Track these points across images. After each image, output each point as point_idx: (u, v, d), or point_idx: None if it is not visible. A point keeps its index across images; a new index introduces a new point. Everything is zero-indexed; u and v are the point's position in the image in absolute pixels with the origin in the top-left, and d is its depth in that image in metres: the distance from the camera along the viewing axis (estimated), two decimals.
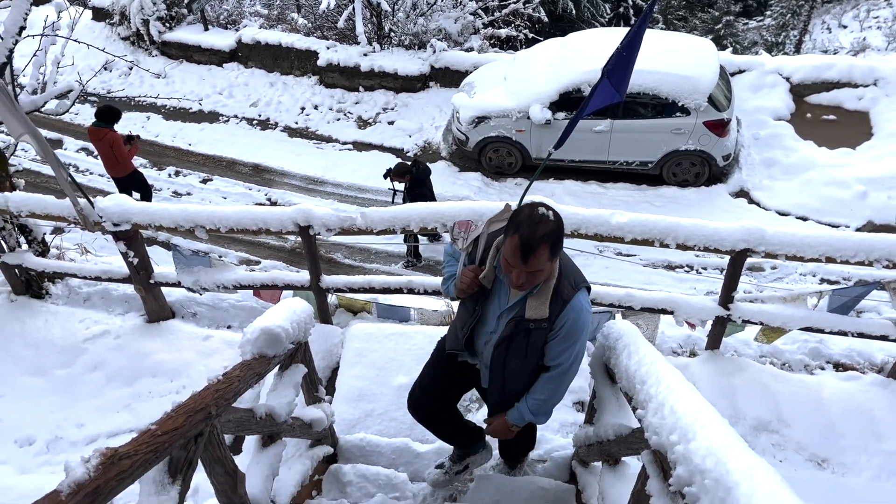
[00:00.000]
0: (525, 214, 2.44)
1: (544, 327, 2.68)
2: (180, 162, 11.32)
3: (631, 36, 3.86)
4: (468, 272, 2.78)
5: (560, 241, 2.48)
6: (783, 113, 10.80)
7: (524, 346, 2.76)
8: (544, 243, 2.39)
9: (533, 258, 2.40)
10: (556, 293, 2.64)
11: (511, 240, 2.43)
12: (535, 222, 2.39)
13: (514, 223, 2.45)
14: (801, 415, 4.76)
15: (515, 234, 2.41)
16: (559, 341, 2.72)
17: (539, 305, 2.64)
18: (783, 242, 4.46)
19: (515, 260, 2.43)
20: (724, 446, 1.66)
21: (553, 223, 2.43)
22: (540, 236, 2.38)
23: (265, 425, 2.92)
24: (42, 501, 1.63)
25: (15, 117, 4.62)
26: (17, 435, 5.04)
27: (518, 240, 2.39)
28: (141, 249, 5.53)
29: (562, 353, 2.75)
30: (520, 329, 2.72)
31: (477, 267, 2.78)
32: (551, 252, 2.44)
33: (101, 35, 14.80)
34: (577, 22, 18.98)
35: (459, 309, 3.03)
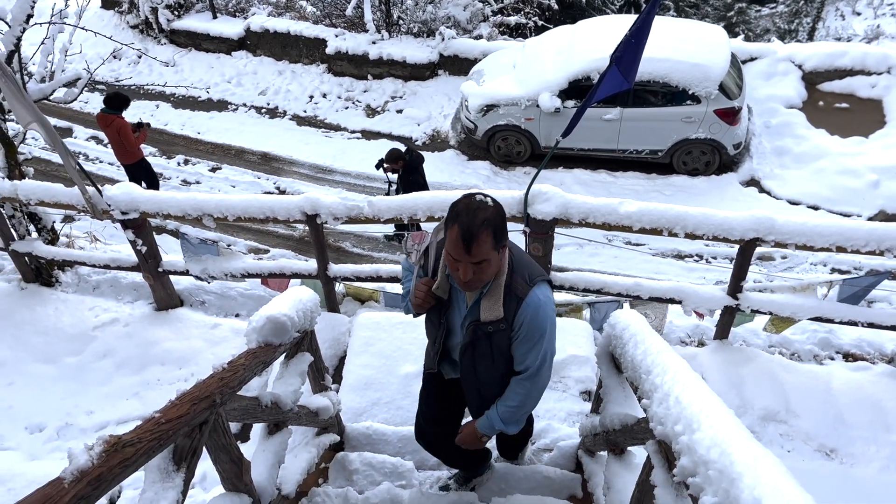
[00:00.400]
0: (462, 204, 2.33)
1: (503, 328, 2.54)
2: (189, 150, 11.33)
3: (640, 23, 3.82)
4: (420, 286, 2.66)
5: (502, 228, 2.36)
6: (795, 101, 10.70)
7: (488, 350, 2.63)
8: (485, 228, 2.27)
9: (476, 246, 2.27)
10: (509, 290, 2.51)
11: (451, 231, 2.31)
12: (473, 209, 2.29)
13: (453, 214, 2.33)
14: (809, 405, 4.73)
15: (455, 225, 2.29)
16: (521, 342, 2.59)
17: (492, 306, 2.51)
18: (793, 231, 4.42)
19: (458, 251, 2.30)
20: (729, 437, 1.64)
21: (492, 209, 2.32)
22: (480, 222, 2.26)
23: (271, 413, 2.92)
24: (45, 488, 1.63)
25: (23, 105, 4.64)
26: (28, 421, 5.09)
27: (458, 230, 2.27)
28: (149, 238, 5.55)
29: (527, 355, 2.62)
30: (479, 334, 2.59)
31: (429, 279, 2.66)
32: (494, 239, 2.31)
33: (110, 23, 14.80)
34: (587, 9, 18.81)
35: (426, 326, 2.90)
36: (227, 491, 2.64)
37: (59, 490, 1.63)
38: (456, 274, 2.40)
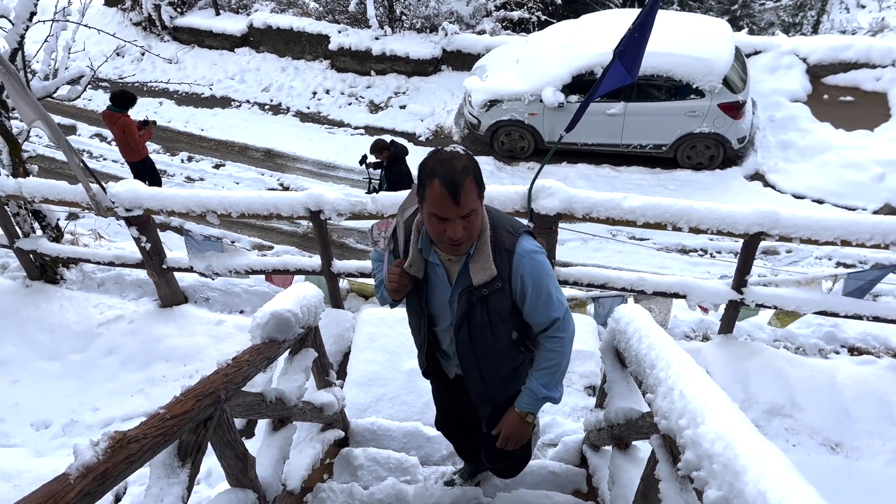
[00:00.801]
0: (433, 159, 2.17)
1: (499, 287, 2.36)
2: (193, 147, 11.34)
3: (643, 17, 3.80)
4: (394, 268, 2.46)
5: (480, 175, 2.21)
6: (799, 94, 10.65)
7: (486, 319, 2.45)
8: (468, 175, 2.12)
9: (463, 195, 2.10)
10: (496, 246, 2.34)
11: (432, 187, 2.12)
12: (448, 159, 2.14)
13: (428, 170, 2.16)
14: (814, 399, 4.73)
15: (435, 178, 2.11)
16: (530, 298, 2.41)
17: (483, 265, 2.33)
18: (797, 225, 4.41)
19: (446, 205, 2.12)
20: (733, 431, 1.64)
21: (466, 156, 2.18)
22: (461, 168, 2.11)
23: (275, 409, 2.93)
24: (51, 484, 1.64)
25: (27, 103, 4.64)
26: (34, 418, 5.11)
27: (440, 182, 2.10)
28: (153, 235, 5.56)
29: (546, 307, 2.43)
30: (473, 301, 2.40)
31: (400, 260, 2.48)
32: (478, 186, 2.17)
33: (114, 20, 14.81)
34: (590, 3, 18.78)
35: (409, 321, 2.75)
36: (233, 487, 2.64)
37: (64, 486, 1.64)
38: (443, 237, 2.21)
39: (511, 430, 2.65)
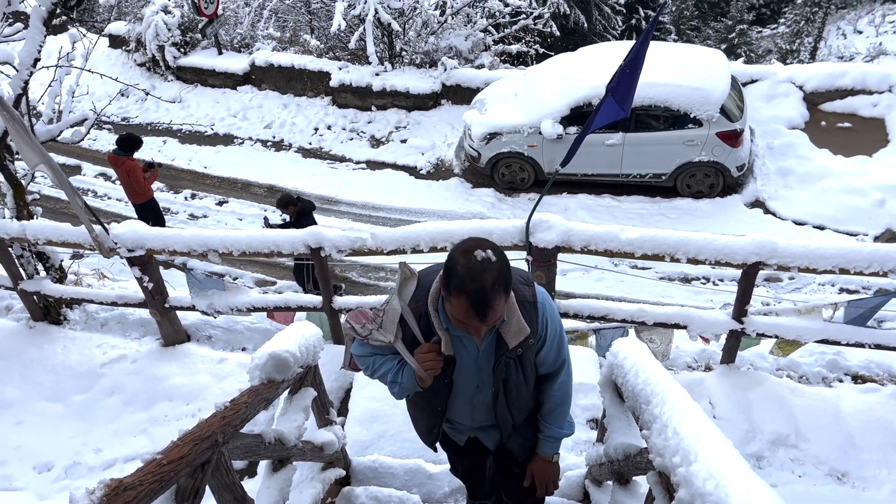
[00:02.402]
0: (462, 266, 2.03)
1: (531, 343, 2.36)
2: (196, 185, 11.45)
3: (634, 52, 3.86)
4: (427, 354, 2.33)
5: (510, 276, 2.11)
6: (797, 121, 10.74)
7: (521, 376, 2.47)
8: (498, 292, 2.03)
9: (491, 312, 2.05)
10: (521, 303, 2.32)
11: (458, 302, 2.05)
12: (478, 272, 2.01)
13: (455, 282, 2.04)
14: (819, 428, 4.69)
15: (462, 296, 2.03)
16: (549, 342, 2.45)
17: (516, 327, 2.29)
18: (795, 255, 4.42)
19: (472, 320, 2.07)
20: (725, 468, 1.64)
21: (497, 263, 2.05)
22: (491, 286, 2.01)
23: (275, 450, 2.93)
24: None
25: (31, 147, 4.71)
26: (36, 461, 5.10)
27: (467, 300, 2.02)
28: (156, 274, 5.59)
29: (560, 349, 2.51)
30: (508, 363, 2.40)
31: (431, 344, 2.34)
32: (506, 293, 2.10)
33: (118, 62, 15.05)
34: (589, 35, 19.04)
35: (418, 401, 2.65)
36: None
37: None
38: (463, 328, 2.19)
39: (544, 477, 2.77)
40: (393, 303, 2.38)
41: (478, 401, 2.55)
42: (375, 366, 2.53)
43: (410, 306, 2.37)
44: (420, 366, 2.34)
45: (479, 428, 2.73)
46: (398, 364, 2.46)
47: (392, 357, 2.48)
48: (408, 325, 2.37)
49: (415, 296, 2.38)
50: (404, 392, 2.50)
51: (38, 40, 5.14)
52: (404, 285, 2.41)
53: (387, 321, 2.38)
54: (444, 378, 2.43)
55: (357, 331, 2.42)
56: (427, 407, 2.62)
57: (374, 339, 2.40)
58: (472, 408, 2.58)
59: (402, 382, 2.45)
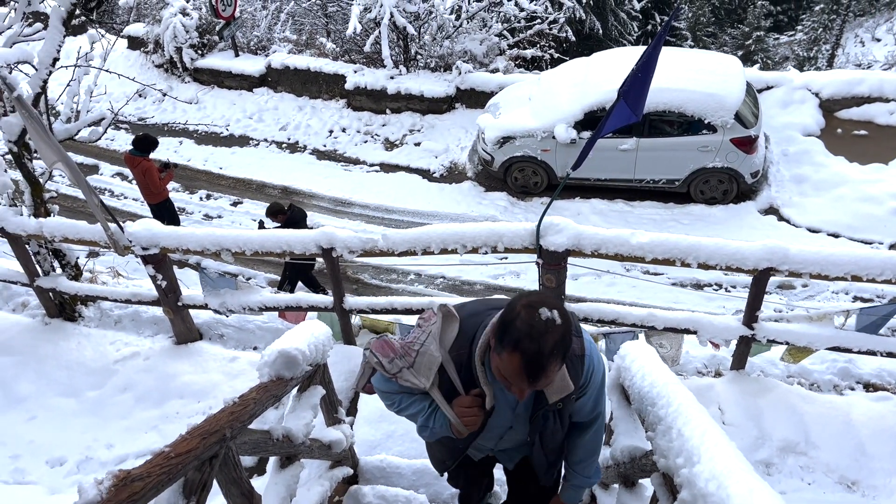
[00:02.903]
0: (523, 321, 1.85)
1: (574, 398, 2.23)
2: (211, 185, 11.54)
3: (646, 57, 3.87)
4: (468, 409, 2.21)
5: (570, 343, 1.94)
6: (813, 129, 10.67)
7: (558, 426, 2.34)
8: (556, 358, 1.85)
9: (544, 377, 1.88)
10: (568, 358, 2.10)
11: (510, 359, 1.86)
12: (539, 333, 1.82)
13: (511, 336, 1.85)
14: (829, 436, 4.67)
15: (516, 353, 1.84)
16: (590, 394, 2.31)
17: (560, 385, 2.12)
18: (807, 261, 4.41)
19: (520, 381, 1.89)
20: (727, 469, 1.65)
21: (561, 327, 1.86)
22: (550, 351, 1.83)
23: (282, 447, 2.95)
24: None
25: (48, 146, 4.78)
26: (49, 455, 5.16)
27: (520, 361, 1.84)
28: (169, 273, 5.65)
29: (598, 402, 2.37)
30: (547, 416, 2.28)
31: (474, 398, 2.20)
32: (563, 361, 1.93)
33: (137, 63, 15.20)
34: (604, 41, 19.01)
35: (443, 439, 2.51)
36: None
37: None
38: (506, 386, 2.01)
39: None
40: (431, 348, 2.19)
41: (508, 437, 2.45)
42: (403, 405, 2.39)
43: (452, 354, 2.19)
44: (459, 420, 2.22)
45: (502, 451, 2.64)
46: (430, 407, 2.32)
47: (421, 398, 2.34)
48: (446, 373, 2.21)
49: (456, 343, 2.20)
50: (434, 436, 2.38)
51: (57, 40, 5.21)
52: (445, 330, 2.21)
53: (421, 365, 2.21)
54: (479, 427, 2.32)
55: (384, 366, 2.26)
56: (449, 444, 2.50)
57: (404, 378, 2.23)
58: (499, 440, 2.48)
59: (433, 427, 2.32)
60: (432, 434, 2.36)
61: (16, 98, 4.64)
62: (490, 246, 4.84)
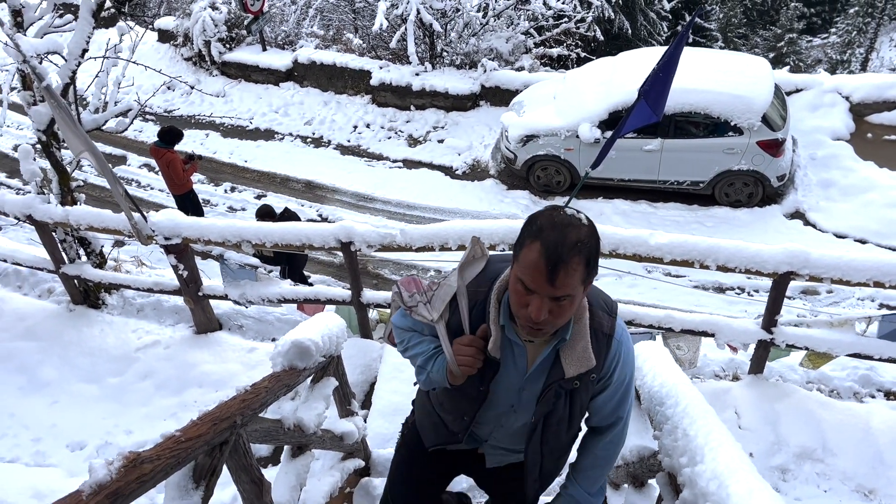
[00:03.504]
0: (546, 217, 1.75)
1: (593, 379, 2.01)
2: (236, 178, 11.65)
3: (667, 56, 3.85)
4: (466, 347, 1.99)
5: (597, 257, 1.78)
6: (842, 133, 10.50)
7: (566, 413, 2.08)
8: (578, 254, 1.69)
9: (563, 274, 1.68)
10: (594, 331, 1.97)
11: (530, 250, 1.71)
12: (563, 224, 1.71)
13: (534, 229, 1.74)
14: (848, 444, 4.61)
15: (536, 241, 1.70)
16: (612, 391, 2.08)
17: (581, 355, 1.94)
18: (828, 265, 4.35)
19: (538, 279, 1.70)
20: (729, 469, 1.65)
21: (587, 228, 1.75)
22: (573, 243, 1.68)
23: (293, 436, 2.99)
24: (64, 500, 1.71)
25: (76, 136, 4.87)
26: (70, 439, 5.26)
27: (541, 248, 1.68)
28: (191, 263, 5.72)
29: (620, 404, 2.12)
30: (560, 394, 2.02)
31: (475, 338, 2.00)
32: (586, 269, 1.74)
33: (166, 56, 15.38)
34: (633, 41, 18.89)
35: (448, 394, 2.22)
36: None
37: (77, 502, 1.71)
38: (521, 312, 1.80)
39: None
40: (451, 279, 2.05)
41: (507, 422, 2.20)
42: (411, 343, 2.22)
43: (469, 288, 2.04)
44: (455, 358, 2.01)
45: (491, 447, 2.36)
46: (434, 349, 2.15)
47: (431, 339, 2.16)
48: (458, 308, 2.03)
49: (477, 278, 2.05)
50: (430, 384, 2.19)
51: (86, 31, 5.30)
52: (471, 264, 2.07)
53: (437, 298, 2.06)
54: (479, 384, 2.08)
55: (404, 298, 2.12)
56: (453, 411, 2.24)
57: (417, 312, 2.08)
58: (497, 426, 2.24)
59: (430, 371, 2.14)
60: (428, 380, 2.17)
61: (45, 88, 4.73)
62: (508, 243, 4.84)
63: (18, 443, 5.23)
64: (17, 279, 7.16)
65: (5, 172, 12.04)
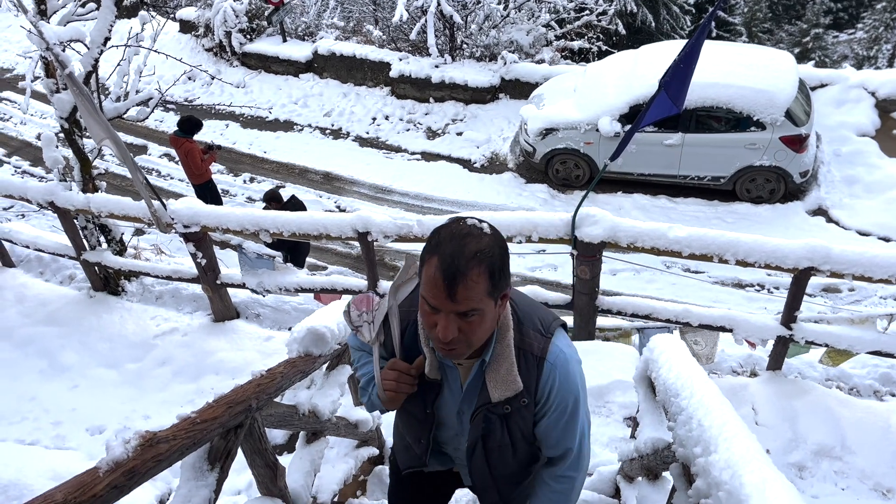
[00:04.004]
0: (446, 229, 1.68)
1: (525, 403, 1.88)
2: (255, 169, 11.71)
3: (689, 48, 3.81)
4: (390, 371, 1.88)
5: (502, 268, 1.67)
6: (867, 129, 10.34)
7: (507, 439, 1.96)
8: (477, 264, 1.60)
9: (462, 287, 1.60)
10: (522, 352, 1.86)
11: (429, 265, 1.63)
12: (461, 235, 1.64)
13: (433, 243, 1.66)
14: (866, 442, 4.55)
15: (434, 256, 1.62)
16: (553, 419, 1.92)
17: (504, 378, 1.84)
18: (850, 262, 4.30)
19: (438, 295, 1.62)
20: (743, 459, 1.63)
21: (489, 237, 1.65)
22: (471, 254, 1.61)
23: (308, 422, 3.00)
24: (81, 476, 1.74)
25: (98, 123, 4.92)
26: (89, 423, 5.33)
27: (438, 262, 1.61)
28: (209, 251, 5.76)
29: (565, 434, 1.96)
30: (490, 420, 1.91)
31: (400, 362, 1.90)
32: (490, 281, 1.64)
33: (187, 46, 15.47)
34: (656, 34, 18.70)
35: (401, 418, 2.17)
36: (262, 495, 2.72)
37: (94, 478, 1.74)
38: (432, 332, 1.70)
39: None
40: (386, 299, 1.95)
41: (461, 444, 2.07)
42: (360, 362, 2.10)
43: (402, 309, 1.93)
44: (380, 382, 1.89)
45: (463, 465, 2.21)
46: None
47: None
48: (391, 328, 1.93)
49: (410, 298, 1.94)
50: (372, 406, 2.07)
51: (108, 20, 5.35)
52: (405, 283, 1.96)
53: (377, 318, 1.95)
54: (425, 408, 1.98)
55: (351, 317, 1.99)
56: (409, 434, 2.15)
57: (360, 333, 1.97)
58: (457, 448, 2.12)
59: (370, 394, 2.04)
60: (369, 403, 2.07)
61: (68, 75, 4.77)
62: (525, 235, 4.83)
63: (39, 426, 5.31)
64: (40, 265, 7.26)
65: (29, 161, 12.19)
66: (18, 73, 15.17)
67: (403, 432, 2.20)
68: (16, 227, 7.19)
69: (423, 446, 2.09)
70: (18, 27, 10.08)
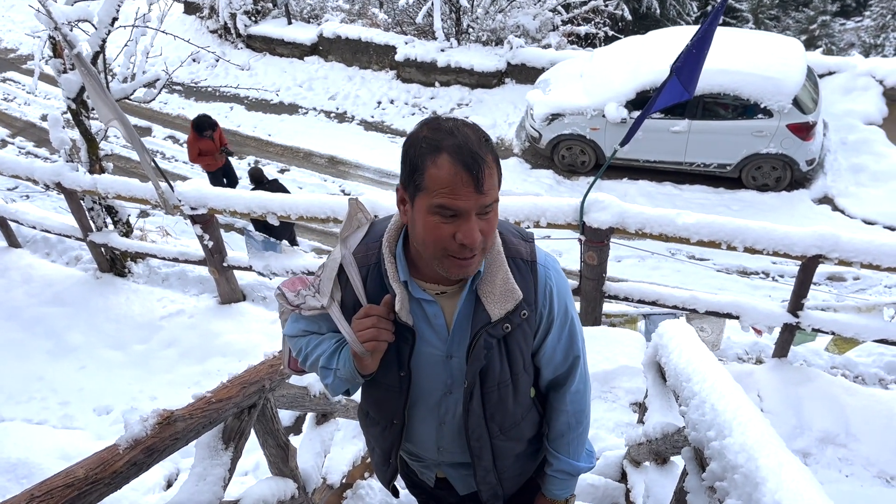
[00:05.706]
0: (431, 128, 1.50)
1: (525, 316, 1.68)
2: (259, 152, 11.69)
3: (701, 33, 3.79)
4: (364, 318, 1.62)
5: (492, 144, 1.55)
6: (875, 117, 10.29)
7: (507, 370, 1.74)
8: (489, 149, 1.49)
9: (488, 174, 1.46)
10: (511, 259, 1.68)
11: (437, 165, 1.45)
12: (456, 127, 1.48)
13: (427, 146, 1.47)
14: (871, 429, 4.57)
15: (441, 153, 1.45)
16: (558, 326, 1.76)
17: (502, 288, 1.64)
18: (858, 250, 4.29)
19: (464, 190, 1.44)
20: (758, 443, 1.64)
21: (473, 125, 1.53)
22: (480, 140, 1.48)
23: (319, 403, 3.02)
24: (101, 453, 1.76)
25: (105, 104, 4.91)
26: (97, 404, 5.36)
27: (452, 157, 1.44)
28: (216, 234, 5.77)
29: (572, 339, 1.81)
30: (490, 346, 1.67)
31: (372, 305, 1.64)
32: (498, 168, 1.53)
33: (192, 28, 15.40)
34: (662, 20, 18.58)
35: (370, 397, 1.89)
36: (273, 475, 2.74)
37: (114, 455, 1.76)
38: (451, 245, 1.50)
39: None
40: (334, 253, 1.73)
41: (448, 414, 1.81)
42: (309, 347, 1.82)
43: (357, 255, 1.70)
44: (356, 337, 1.62)
45: (449, 464, 1.97)
46: (336, 343, 1.77)
47: (332, 335, 1.80)
48: (349, 281, 1.68)
49: (364, 242, 1.71)
50: (342, 384, 1.76)
51: (116, 0, 5.32)
52: (354, 231, 1.75)
53: (324, 280, 1.72)
54: (399, 369, 1.72)
55: (289, 300, 1.78)
56: (380, 418, 1.88)
57: (308, 307, 1.74)
58: (439, 426, 1.84)
59: (337, 368, 1.74)
60: (337, 380, 1.75)
61: (76, 55, 4.76)
62: (532, 220, 4.83)
63: (47, 406, 5.35)
64: (46, 246, 7.28)
65: (33, 142, 12.17)
66: (22, 53, 15.13)
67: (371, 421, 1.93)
68: (22, 207, 7.20)
69: (396, 428, 1.84)
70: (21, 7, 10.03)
